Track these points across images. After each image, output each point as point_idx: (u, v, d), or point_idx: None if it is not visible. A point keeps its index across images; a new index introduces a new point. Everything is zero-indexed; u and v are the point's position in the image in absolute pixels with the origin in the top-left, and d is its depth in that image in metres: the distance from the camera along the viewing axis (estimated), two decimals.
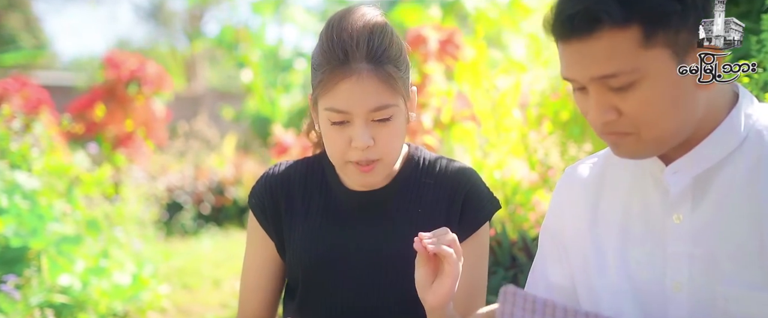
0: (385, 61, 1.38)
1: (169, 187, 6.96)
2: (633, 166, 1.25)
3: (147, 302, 3.91)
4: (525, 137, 3.19)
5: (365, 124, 1.38)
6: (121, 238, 4.30)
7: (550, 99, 3.15)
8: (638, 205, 1.23)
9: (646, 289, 1.20)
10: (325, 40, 1.39)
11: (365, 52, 1.36)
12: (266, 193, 1.56)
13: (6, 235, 3.44)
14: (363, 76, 1.35)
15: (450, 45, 3.97)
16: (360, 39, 1.37)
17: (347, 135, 1.39)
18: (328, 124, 1.40)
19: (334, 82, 1.36)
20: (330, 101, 1.38)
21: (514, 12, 6.23)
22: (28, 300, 3.19)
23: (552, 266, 1.36)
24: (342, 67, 1.36)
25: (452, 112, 3.98)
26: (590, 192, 1.30)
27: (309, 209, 1.53)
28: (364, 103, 1.36)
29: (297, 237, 1.53)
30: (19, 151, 3.83)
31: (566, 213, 1.33)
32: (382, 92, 1.37)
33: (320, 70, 1.39)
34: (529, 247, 2.73)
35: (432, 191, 1.51)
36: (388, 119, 1.39)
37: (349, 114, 1.37)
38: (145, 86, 7.42)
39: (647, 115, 1.10)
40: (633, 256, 1.22)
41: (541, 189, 3.23)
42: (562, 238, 1.33)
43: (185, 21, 20.96)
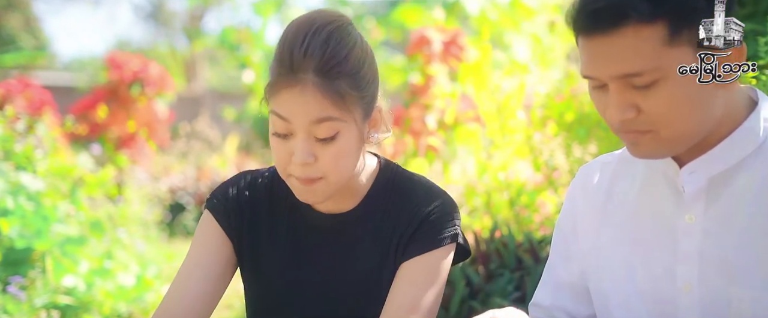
0: (337, 75, 1.27)
1: (171, 188, 6.96)
2: (644, 165, 1.24)
3: (151, 303, 3.91)
4: (530, 139, 3.20)
5: (306, 139, 1.28)
6: (125, 239, 4.30)
7: (554, 100, 3.15)
8: (650, 205, 1.22)
9: (655, 288, 1.20)
10: (280, 45, 1.30)
11: (315, 64, 1.26)
12: (233, 198, 1.45)
13: (11, 236, 3.44)
14: (307, 88, 1.26)
15: (454, 46, 3.97)
16: (312, 49, 1.26)
17: (289, 147, 1.30)
18: (273, 132, 1.32)
19: (278, 88, 1.27)
20: (274, 104, 1.29)
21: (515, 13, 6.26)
22: (32, 301, 3.20)
23: (562, 264, 1.36)
24: (287, 75, 1.26)
25: (456, 113, 3.99)
26: (602, 191, 1.29)
27: (276, 234, 1.44)
28: (305, 114, 1.26)
29: (260, 254, 1.44)
30: (23, 152, 3.83)
31: (579, 211, 1.32)
32: (327, 107, 1.27)
33: (271, 72, 1.31)
34: (535, 248, 2.72)
35: (397, 211, 1.41)
36: (334, 137, 1.29)
37: (290, 123, 1.28)
38: (148, 87, 7.43)
39: (667, 114, 1.08)
40: (643, 255, 1.22)
41: (545, 190, 3.24)
42: (574, 236, 1.33)
43: (185, 21, 20.96)
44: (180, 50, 20.09)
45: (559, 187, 3.18)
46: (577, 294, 1.34)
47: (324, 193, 1.34)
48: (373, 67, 1.35)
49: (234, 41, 10.09)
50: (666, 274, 1.19)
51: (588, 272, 1.31)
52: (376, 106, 1.36)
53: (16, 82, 6.20)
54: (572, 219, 1.34)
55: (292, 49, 1.26)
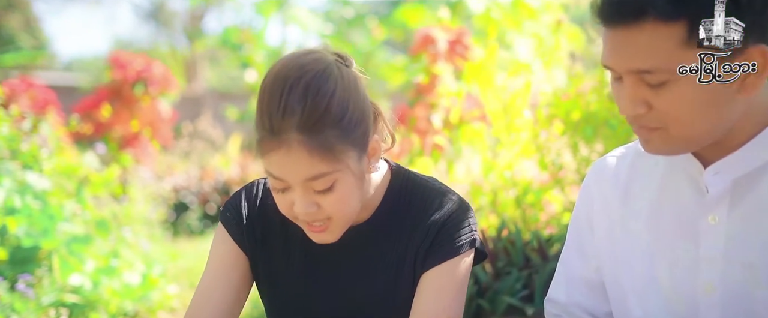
0: (321, 128, 1.23)
1: (174, 188, 6.96)
2: (665, 162, 1.23)
3: (157, 302, 3.92)
4: (536, 137, 3.20)
5: (304, 192, 1.26)
6: (130, 238, 4.31)
7: (561, 99, 3.16)
8: (670, 203, 1.22)
9: (675, 288, 1.19)
10: (259, 104, 1.26)
11: (296, 122, 1.21)
12: (243, 213, 1.44)
13: (17, 235, 3.45)
14: (293, 148, 1.22)
15: (459, 45, 3.98)
16: (291, 107, 1.22)
17: (290, 199, 1.28)
18: (271, 186, 1.30)
19: (265, 149, 1.25)
20: (266, 165, 1.27)
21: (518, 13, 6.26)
22: (39, 300, 3.20)
23: (577, 260, 1.36)
24: (271, 137, 1.23)
25: (461, 112, 3.99)
26: (620, 185, 1.29)
27: (285, 242, 1.43)
28: (297, 173, 1.24)
29: (275, 268, 1.43)
30: (29, 151, 3.84)
31: (595, 206, 1.32)
32: (317, 164, 1.23)
33: (256, 129, 1.27)
34: (543, 247, 2.73)
35: (412, 220, 1.39)
36: (331, 187, 1.26)
37: (284, 182, 1.26)
38: (151, 87, 7.44)
39: (678, 113, 1.08)
40: (663, 253, 1.21)
41: (552, 189, 3.25)
42: (589, 231, 1.33)
43: (185, 21, 20.95)
44: (180, 50, 20.08)
45: (566, 185, 3.18)
46: (592, 289, 1.34)
47: (336, 232, 1.32)
48: (360, 102, 1.29)
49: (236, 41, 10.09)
50: (688, 274, 1.18)
51: (604, 267, 1.31)
52: (370, 138, 1.31)
53: (20, 81, 6.21)
54: (587, 214, 1.34)
55: (270, 111, 1.23)
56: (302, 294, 1.42)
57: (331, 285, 1.41)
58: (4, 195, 3.45)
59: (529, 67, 3.59)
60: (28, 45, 15.13)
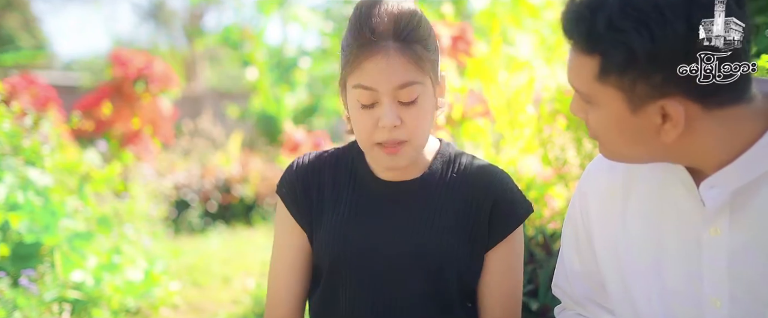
0: (413, 40, 1.38)
1: (176, 185, 6.95)
2: (662, 171, 1.22)
3: (159, 299, 3.91)
4: (540, 133, 3.19)
5: (392, 104, 1.38)
6: (131, 235, 4.30)
7: (564, 94, 3.15)
8: (672, 212, 1.21)
9: (680, 299, 1.19)
10: (355, 20, 1.40)
11: (393, 31, 1.37)
12: (298, 181, 1.54)
13: (20, 231, 3.44)
14: (390, 54, 1.36)
15: (461, 42, 3.97)
16: (388, 17, 1.37)
17: (375, 116, 1.39)
18: (357, 105, 1.40)
19: (361, 59, 1.37)
20: (357, 78, 1.38)
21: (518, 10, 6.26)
22: (42, 296, 3.20)
23: (574, 255, 1.38)
24: (369, 44, 1.36)
25: (463, 108, 3.98)
26: (617, 192, 1.29)
27: (338, 200, 1.52)
28: (391, 79, 1.36)
29: (326, 228, 1.51)
30: (31, 147, 3.83)
31: (591, 204, 1.32)
32: (409, 70, 1.37)
33: (348, 49, 1.40)
34: (547, 242, 2.73)
35: (462, 190, 1.50)
36: (415, 100, 1.38)
37: (376, 92, 1.37)
38: (152, 84, 7.43)
39: (599, 133, 1.15)
40: (666, 265, 1.20)
41: (555, 185, 3.24)
42: (586, 235, 1.34)
43: (185, 21, 20.94)
44: (180, 50, 20.07)
45: (570, 181, 3.18)
46: (594, 284, 1.37)
47: (408, 157, 1.43)
48: (436, 36, 1.45)
49: (237, 39, 10.08)
50: (691, 287, 1.18)
51: (607, 272, 1.30)
52: (440, 73, 1.45)
53: (21, 78, 6.20)
54: (584, 211, 1.34)
55: (368, 20, 1.37)
56: (351, 245, 1.50)
57: (379, 237, 1.49)
58: (7, 191, 3.44)
59: (529, 65, 3.58)
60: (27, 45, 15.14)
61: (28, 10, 17.82)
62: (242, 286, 4.59)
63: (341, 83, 1.46)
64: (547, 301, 2.53)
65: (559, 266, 1.43)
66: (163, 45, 21.42)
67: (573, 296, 1.41)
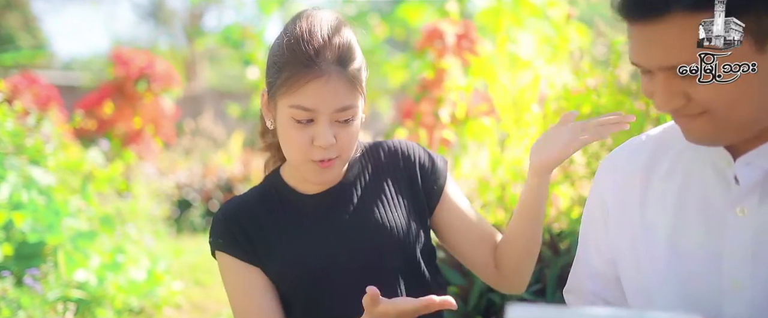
0: (350, 62, 1.40)
1: (178, 185, 6.94)
2: (690, 152, 1.20)
3: (162, 298, 3.90)
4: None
5: (329, 124, 1.39)
6: (134, 234, 4.30)
7: (570, 93, 3.14)
8: (695, 194, 1.17)
9: (698, 282, 1.15)
10: (294, 39, 1.38)
11: (335, 55, 1.38)
12: (232, 226, 1.51)
13: (23, 230, 3.43)
14: (332, 79, 1.37)
15: (465, 40, 3.96)
16: (329, 40, 1.38)
17: (309, 134, 1.40)
18: (291, 122, 1.39)
19: (303, 81, 1.36)
20: (296, 100, 1.37)
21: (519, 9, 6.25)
22: (45, 295, 3.19)
23: (593, 253, 1.34)
24: (312, 67, 1.36)
25: (467, 107, 3.97)
26: (638, 174, 1.24)
27: (277, 227, 1.51)
28: (332, 103, 1.37)
29: (279, 258, 1.50)
30: (34, 146, 3.82)
31: (609, 199, 1.29)
32: (348, 94, 1.39)
33: (286, 69, 1.38)
34: (554, 241, 2.72)
35: (384, 172, 1.57)
36: (350, 120, 1.41)
37: (314, 112, 1.38)
38: (154, 83, 7.42)
39: (719, 102, 1.04)
40: (685, 248, 1.17)
41: (560, 184, 3.23)
42: (603, 224, 1.30)
43: (185, 20, 20.93)
44: (180, 50, 20.06)
45: (576, 180, 3.16)
46: (608, 282, 1.33)
47: (338, 170, 1.48)
48: (358, 47, 1.47)
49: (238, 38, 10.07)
50: (710, 269, 1.14)
51: (620, 261, 1.27)
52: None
53: (22, 78, 6.19)
54: (600, 208, 1.31)
55: (311, 41, 1.37)
56: (309, 263, 1.49)
57: (332, 246, 1.50)
58: (10, 190, 3.43)
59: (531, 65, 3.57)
60: (27, 44, 15.14)
61: (27, 9, 17.83)
62: (225, 301, 4.57)
63: (270, 97, 1.44)
64: (555, 300, 2.52)
65: (573, 270, 1.39)
66: (163, 45, 21.42)
67: (583, 295, 1.37)
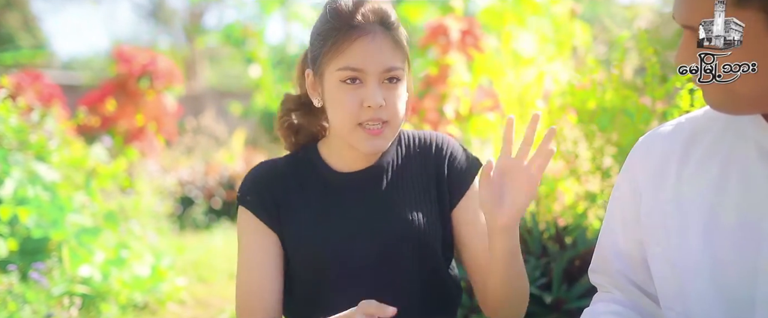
0: (394, 27, 1.45)
1: (180, 182, 6.94)
2: (733, 133, 1.18)
3: (166, 294, 3.90)
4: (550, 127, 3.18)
5: (378, 84, 1.42)
6: (137, 230, 4.30)
7: (576, 88, 3.14)
8: (737, 173, 1.15)
9: (732, 262, 1.14)
10: (336, 9, 1.45)
11: (378, 17, 1.44)
12: (262, 186, 1.53)
13: (28, 225, 3.43)
14: (378, 37, 1.42)
15: (469, 36, 3.96)
16: (371, 6, 1.45)
17: (359, 96, 1.42)
18: (340, 86, 1.43)
19: (349, 41, 1.41)
20: (344, 61, 1.42)
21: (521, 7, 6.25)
22: (50, 290, 3.19)
23: (619, 234, 1.33)
24: (357, 27, 1.42)
25: (471, 103, 3.97)
26: (677, 153, 1.23)
27: (306, 199, 1.53)
28: (379, 61, 1.41)
29: (299, 228, 1.51)
30: (38, 143, 3.83)
31: (641, 179, 1.28)
32: (393, 55, 1.43)
33: (331, 36, 1.43)
34: (560, 235, 2.72)
35: (417, 161, 1.57)
36: (398, 82, 1.45)
37: (362, 72, 1.42)
38: (157, 81, 7.42)
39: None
40: (722, 226, 1.15)
41: (565, 179, 3.23)
42: (634, 206, 1.29)
43: (185, 19, 20.92)
44: (180, 49, 20.06)
45: (581, 175, 3.17)
46: (634, 262, 1.32)
47: (388, 138, 1.47)
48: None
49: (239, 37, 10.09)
50: (745, 250, 1.12)
51: (651, 242, 1.26)
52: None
53: (25, 75, 6.19)
54: (631, 189, 1.30)
55: (356, 7, 1.44)
56: (325, 239, 1.50)
57: (352, 226, 1.50)
58: (15, 185, 3.43)
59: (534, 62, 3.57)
60: (27, 44, 15.14)
61: (27, 9, 17.82)
62: (230, 296, 4.58)
63: (316, 72, 1.47)
64: (561, 294, 2.53)
65: (598, 250, 1.39)
66: (163, 44, 21.41)
67: (609, 274, 1.36)
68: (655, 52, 2.60)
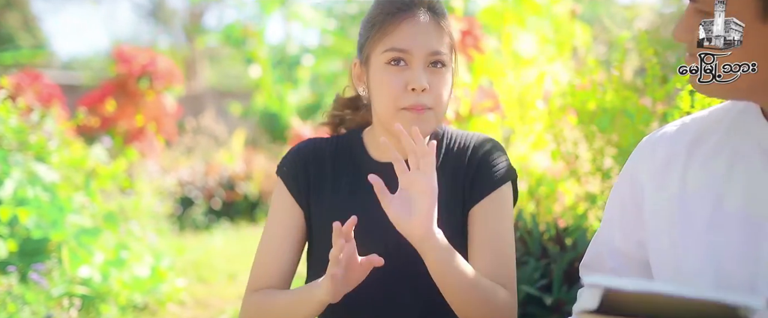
0: (442, 14, 1.49)
1: (180, 182, 6.94)
2: (738, 133, 1.18)
3: (166, 294, 3.90)
4: (551, 128, 3.18)
5: (423, 68, 1.44)
6: (137, 231, 4.29)
7: (576, 89, 3.13)
8: (741, 173, 1.15)
9: (734, 261, 1.13)
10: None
11: (427, 3, 1.47)
12: (299, 160, 1.60)
13: (27, 226, 3.43)
14: (424, 20, 1.45)
15: (469, 37, 3.95)
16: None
17: (403, 78, 1.44)
18: (385, 69, 1.46)
19: (396, 23, 1.44)
20: (390, 42, 1.44)
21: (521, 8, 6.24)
22: (50, 291, 3.18)
23: (616, 231, 1.33)
24: (403, 10, 1.45)
25: (471, 104, 3.96)
26: (682, 153, 1.23)
27: (338, 182, 1.57)
28: (424, 43, 1.44)
29: (323, 205, 1.56)
30: (37, 143, 3.82)
31: (645, 179, 1.27)
32: (440, 38, 1.46)
33: (378, 20, 1.47)
34: (560, 236, 2.72)
35: (451, 162, 1.57)
36: (443, 67, 1.46)
37: (408, 53, 1.44)
38: (156, 81, 7.42)
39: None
40: (726, 225, 1.14)
41: (566, 180, 3.23)
42: (634, 207, 1.29)
43: (185, 19, 20.92)
44: (180, 49, 20.05)
45: (581, 176, 3.16)
46: (630, 264, 1.32)
47: (432, 123, 1.48)
48: None
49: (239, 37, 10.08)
50: (750, 248, 1.12)
51: (653, 244, 1.25)
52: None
53: (25, 75, 6.19)
54: (632, 190, 1.30)
55: None
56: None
57: (378, 214, 1.47)
58: (15, 186, 3.43)
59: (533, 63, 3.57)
60: (26, 43, 15.13)
61: (27, 9, 17.83)
62: (238, 294, 4.57)
63: (362, 60, 1.51)
64: (561, 295, 2.52)
65: (593, 246, 1.39)
66: (163, 44, 21.40)
67: (603, 271, 1.36)
68: (655, 53, 2.60)
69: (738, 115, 1.20)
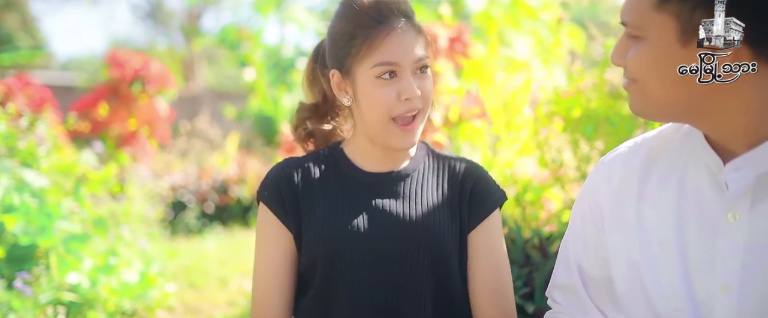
0: (412, 14, 1.51)
1: (172, 186, 6.93)
2: (685, 156, 1.20)
3: (155, 300, 3.90)
4: (536, 135, 3.18)
5: (412, 76, 1.47)
6: (127, 236, 4.29)
7: (561, 96, 3.14)
8: (692, 198, 1.18)
9: (692, 285, 1.15)
10: (357, 10, 1.48)
11: (399, 9, 1.48)
12: (282, 181, 1.58)
13: (15, 233, 3.42)
14: (404, 30, 1.47)
15: (458, 43, 3.95)
16: (396, 1, 1.50)
17: (395, 89, 1.46)
18: (376, 82, 1.47)
19: (380, 38, 1.45)
20: (378, 57, 1.46)
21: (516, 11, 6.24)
22: (37, 298, 3.18)
23: (581, 251, 1.35)
24: (383, 25, 1.46)
25: (460, 110, 3.97)
26: (635, 177, 1.26)
27: (328, 193, 1.57)
28: (411, 53, 1.46)
29: (319, 221, 1.55)
30: (26, 149, 3.82)
31: (602, 196, 1.29)
32: (421, 44, 1.49)
33: (358, 37, 1.47)
34: (543, 244, 2.72)
35: (444, 174, 1.60)
36: (427, 70, 1.50)
37: (398, 65, 1.46)
38: (149, 85, 7.42)
39: (638, 74, 1.11)
40: (681, 250, 1.17)
41: (551, 187, 3.23)
42: (594, 226, 1.31)
43: (183, 21, 20.91)
44: (178, 50, 20.04)
45: (566, 183, 3.17)
46: (594, 281, 1.34)
47: (418, 131, 1.52)
48: None
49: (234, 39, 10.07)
50: (706, 273, 1.14)
51: (614, 264, 1.27)
52: None
53: (16, 79, 6.18)
54: (592, 210, 1.32)
55: (376, 5, 1.48)
56: (344, 230, 1.53)
57: (369, 222, 1.53)
58: (2, 192, 3.43)
59: (527, 66, 3.57)
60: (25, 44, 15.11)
61: (26, 9, 17.81)
62: (239, 288, 4.58)
63: (344, 72, 1.52)
64: (543, 303, 2.52)
65: (561, 262, 1.41)
66: (161, 45, 21.39)
67: (575, 289, 1.38)
68: None
69: (684, 137, 1.22)
